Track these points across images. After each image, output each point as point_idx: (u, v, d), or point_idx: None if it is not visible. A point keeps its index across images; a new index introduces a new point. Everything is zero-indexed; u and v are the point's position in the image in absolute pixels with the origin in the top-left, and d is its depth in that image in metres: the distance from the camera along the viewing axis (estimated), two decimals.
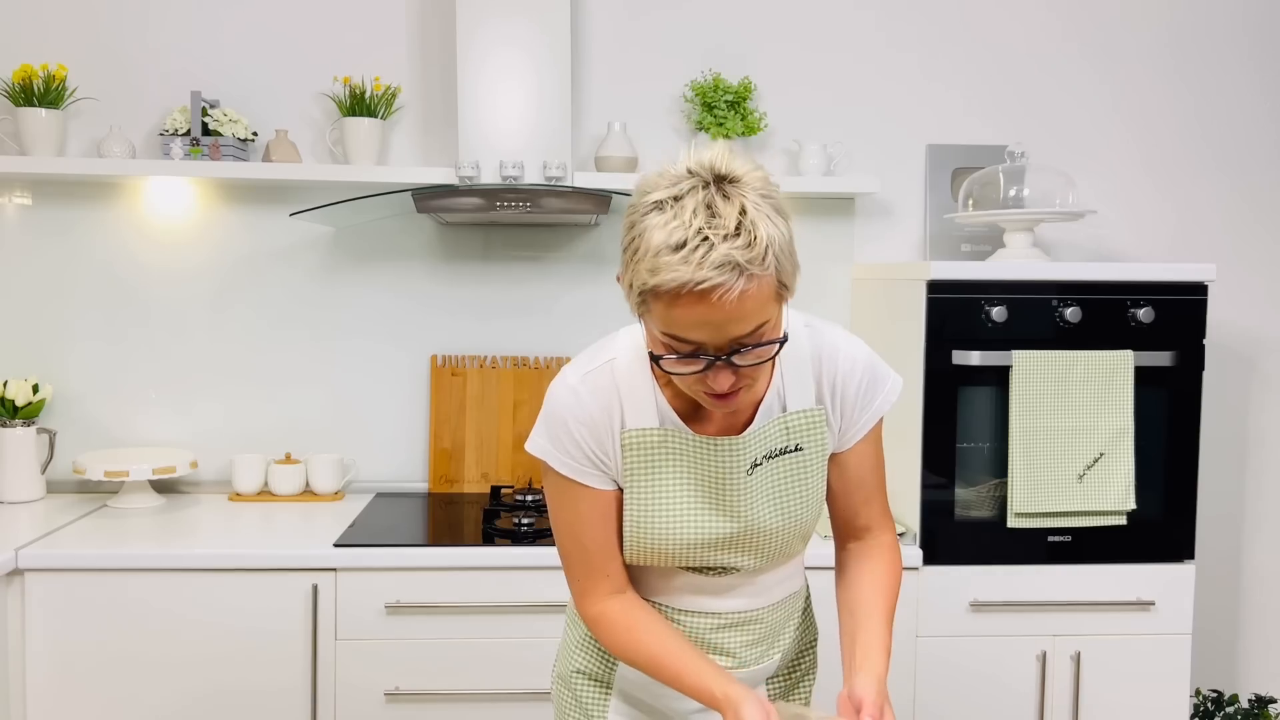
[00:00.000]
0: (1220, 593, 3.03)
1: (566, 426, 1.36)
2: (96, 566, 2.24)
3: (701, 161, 1.19)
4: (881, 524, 1.52)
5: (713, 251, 1.13)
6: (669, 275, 1.14)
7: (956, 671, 2.39)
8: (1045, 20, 2.94)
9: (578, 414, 1.36)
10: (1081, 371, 2.34)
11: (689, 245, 1.13)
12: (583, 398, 1.37)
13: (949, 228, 2.91)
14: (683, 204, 1.16)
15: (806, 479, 1.43)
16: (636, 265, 1.18)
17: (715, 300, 1.14)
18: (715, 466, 1.38)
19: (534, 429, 1.41)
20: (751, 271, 1.14)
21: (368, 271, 2.87)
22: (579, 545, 1.42)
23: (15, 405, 2.65)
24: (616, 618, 1.41)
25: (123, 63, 2.80)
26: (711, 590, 1.46)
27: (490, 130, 2.61)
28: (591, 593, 1.43)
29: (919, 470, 2.38)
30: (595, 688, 1.55)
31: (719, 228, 1.14)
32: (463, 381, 2.87)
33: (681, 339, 1.20)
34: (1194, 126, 2.98)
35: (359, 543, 2.31)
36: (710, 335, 1.19)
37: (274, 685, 2.28)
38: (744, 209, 1.15)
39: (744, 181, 1.18)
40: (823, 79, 2.92)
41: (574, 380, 1.38)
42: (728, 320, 1.17)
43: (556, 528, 1.44)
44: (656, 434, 1.37)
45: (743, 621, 1.48)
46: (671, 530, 1.40)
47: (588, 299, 2.90)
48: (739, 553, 1.43)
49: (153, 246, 2.83)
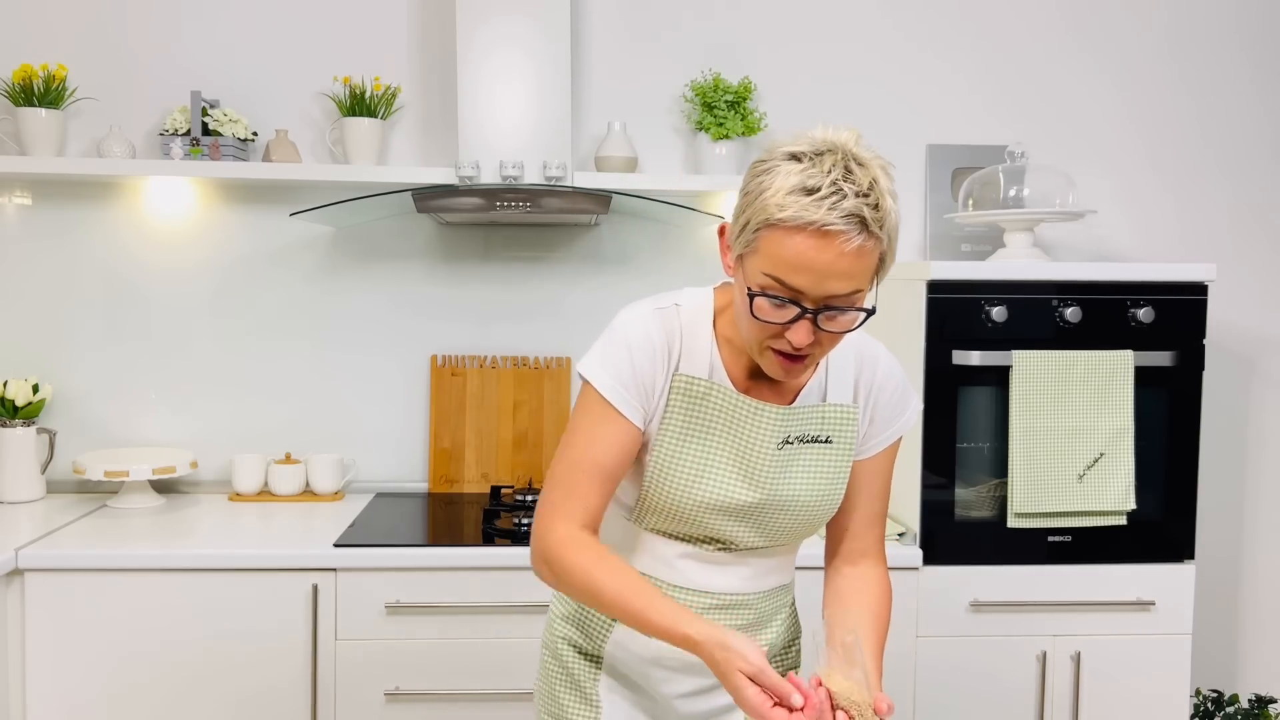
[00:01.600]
0: (1220, 593, 3.03)
1: (628, 351, 1.40)
2: (96, 566, 2.24)
3: (838, 138, 1.28)
4: (878, 554, 1.54)
5: (844, 201, 1.22)
6: (797, 211, 1.22)
7: (956, 671, 2.39)
8: (1045, 20, 2.94)
9: (642, 342, 1.40)
10: (1081, 371, 2.34)
11: (822, 191, 1.22)
12: (651, 328, 1.40)
13: (949, 228, 2.91)
14: (821, 159, 1.25)
15: (831, 472, 1.46)
16: (762, 201, 1.26)
17: (834, 246, 1.22)
18: (751, 431, 1.42)
19: (589, 353, 1.42)
20: (872, 231, 1.23)
21: (368, 271, 2.87)
22: (580, 466, 1.40)
23: (15, 405, 2.65)
24: (586, 543, 1.38)
25: (123, 63, 2.80)
26: (708, 566, 1.47)
27: (490, 130, 2.61)
28: (568, 514, 1.39)
29: (919, 470, 2.38)
30: (585, 662, 1.55)
31: (853, 184, 1.23)
32: (463, 381, 2.87)
33: (783, 281, 1.26)
34: (1194, 126, 2.98)
35: (359, 543, 2.31)
36: (811, 283, 1.25)
37: (274, 685, 2.28)
38: (875, 179, 1.25)
39: (872, 162, 1.27)
40: (823, 79, 2.92)
41: (645, 311, 1.42)
42: (833, 273, 1.24)
43: (565, 448, 1.42)
44: (704, 384, 1.41)
45: (734, 604, 1.49)
46: (694, 486, 1.41)
47: (588, 299, 2.90)
48: (749, 526, 1.44)
49: (153, 246, 2.83)
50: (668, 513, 1.44)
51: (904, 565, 2.36)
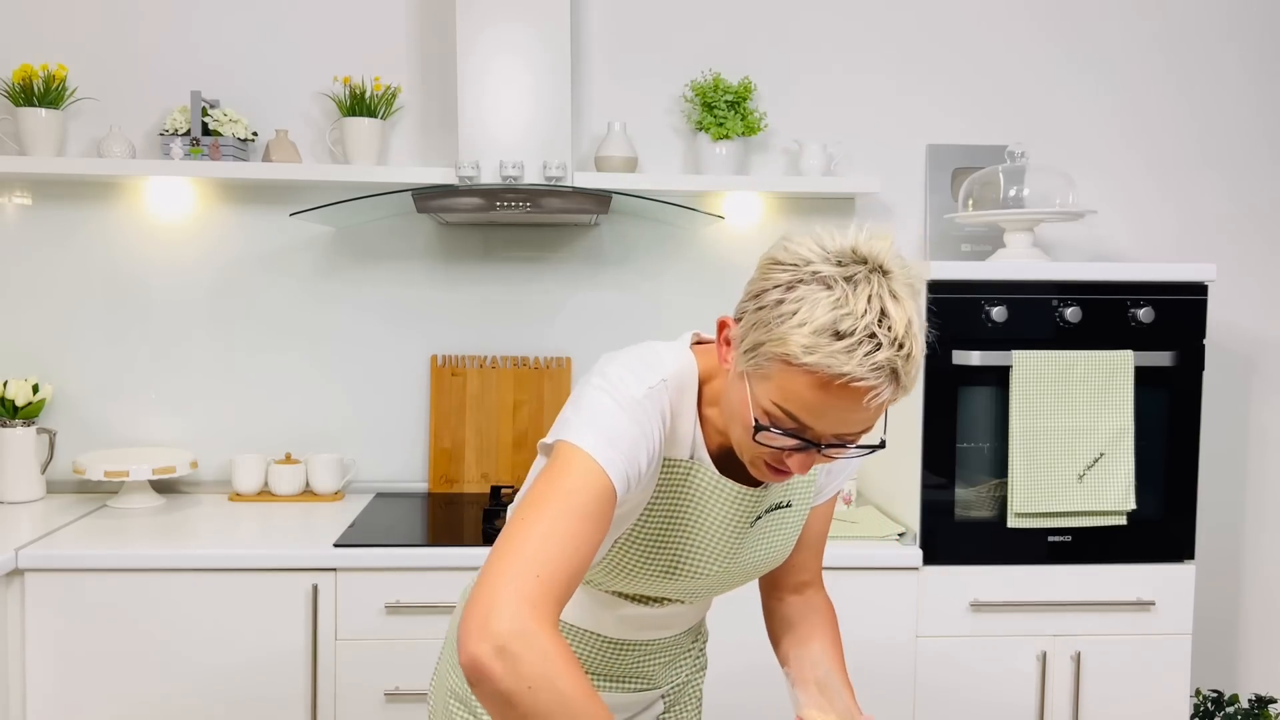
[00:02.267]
0: (1220, 593, 3.03)
1: (632, 437, 1.20)
2: (96, 566, 2.24)
3: (872, 251, 1.13)
4: (819, 580, 1.53)
5: (878, 354, 1.09)
6: (827, 360, 1.08)
7: (956, 671, 2.39)
8: (1046, 20, 2.94)
9: (643, 430, 1.22)
10: (1081, 371, 2.34)
11: (856, 338, 1.08)
12: (649, 414, 1.24)
13: (949, 228, 2.91)
14: (856, 292, 1.10)
15: (787, 535, 1.42)
16: (781, 332, 1.11)
17: (861, 400, 1.10)
18: (729, 512, 1.33)
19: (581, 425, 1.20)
20: (901, 382, 1.11)
21: (368, 271, 2.87)
22: (579, 555, 1.13)
23: (15, 405, 2.65)
24: (575, 662, 1.09)
25: (123, 63, 2.80)
26: (650, 622, 1.43)
27: (490, 130, 2.61)
28: (555, 607, 1.10)
29: (919, 470, 2.38)
30: None
31: (888, 331, 1.09)
32: (463, 381, 2.87)
33: (794, 417, 1.14)
34: (1194, 126, 2.98)
35: (359, 543, 2.31)
36: (826, 425, 1.14)
37: (274, 685, 2.28)
38: (910, 321, 1.12)
39: (902, 282, 1.13)
40: (823, 79, 2.92)
41: (640, 394, 1.24)
42: (852, 419, 1.13)
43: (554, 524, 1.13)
44: (685, 466, 1.31)
45: (665, 648, 1.47)
46: (668, 565, 1.34)
47: (588, 299, 2.90)
48: (702, 588, 1.40)
49: (153, 246, 2.83)
50: (627, 583, 1.35)
51: (904, 565, 2.36)
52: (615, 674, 1.46)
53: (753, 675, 2.33)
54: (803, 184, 2.76)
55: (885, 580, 2.37)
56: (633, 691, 1.49)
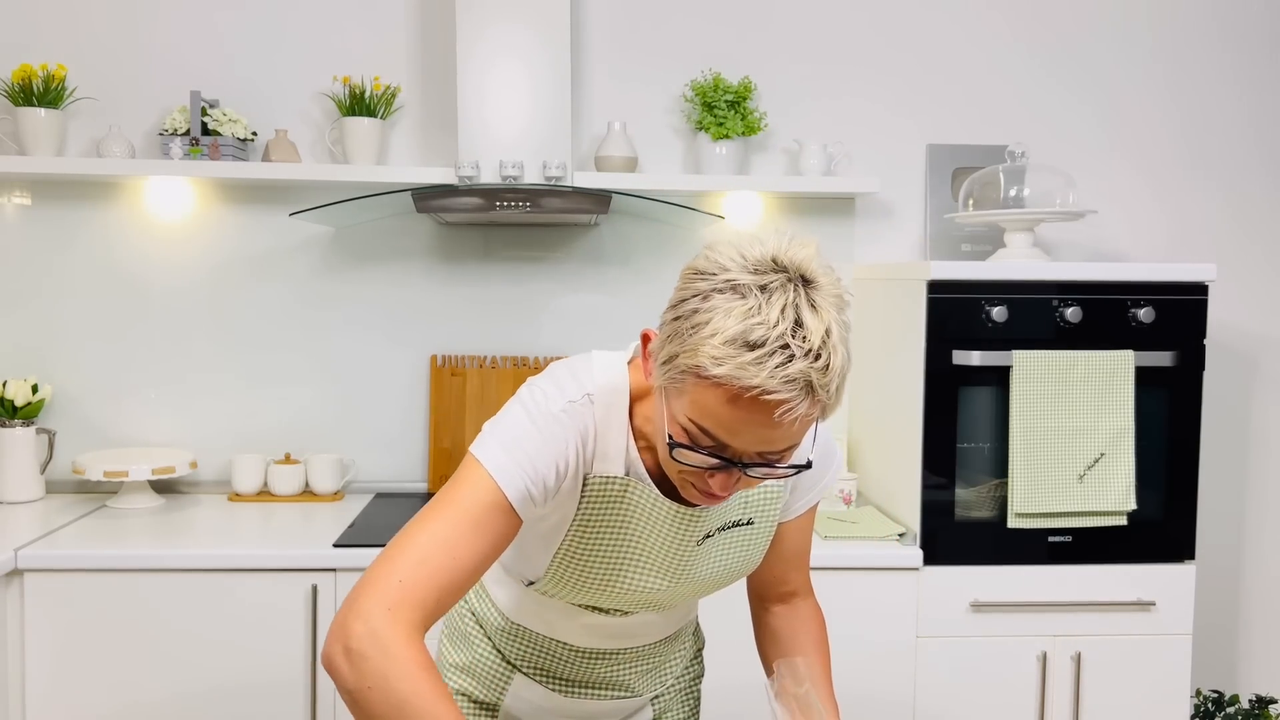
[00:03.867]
0: (1220, 593, 3.03)
1: (538, 451, 1.20)
2: (96, 566, 2.24)
3: (792, 258, 1.08)
4: (807, 588, 1.50)
5: (790, 365, 1.03)
6: (735, 372, 1.03)
7: (956, 671, 2.39)
8: (1046, 20, 2.94)
9: (554, 446, 1.21)
10: (1082, 371, 2.34)
11: (766, 349, 1.03)
12: (566, 429, 1.22)
13: (949, 228, 2.91)
14: (770, 300, 1.04)
15: (750, 551, 1.38)
16: (694, 342, 1.06)
17: (773, 414, 1.04)
18: (670, 531, 1.29)
19: (488, 435, 1.21)
20: (817, 396, 1.05)
21: (367, 271, 2.87)
22: (455, 563, 1.14)
23: (15, 405, 2.65)
24: (427, 664, 1.09)
25: (122, 63, 2.80)
26: (615, 631, 1.41)
27: (490, 130, 2.61)
28: (417, 604, 1.11)
29: (919, 470, 2.37)
30: (479, 710, 1.48)
31: (802, 342, 1.03)
32: (462, 381, 2.86)
33: (709, 434, 1.09)
34: (1194, 126, 2.98)
35: (359, 543, 2.31)
36: (743, 443, 1.08)
37: (274, 685, 2.28)
38: (829, 330, 1.05)
39: (826, 292, 1.07)
40: (823, 79, 2.92)
41: (557, 408, 1.22)
42: (769, 436, 1.07)
43: (433, 524, 1.15)
44: (620, 483, 1.26)
45: (639, 657, 1.45)
46: (609, 582, 1.31)
47: (587, 299, 2.90)
48: (660, 604, 1.39)
49: (152, 246, 2.83)
50: (580, 596, 1.34)
51: (904, 565, 2.36)
52: (590, 682, 1.45)
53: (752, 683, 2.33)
54: (803, 184, 2.76)
55: (885, 580, 2.37)
56: (611, 699, 1.47)
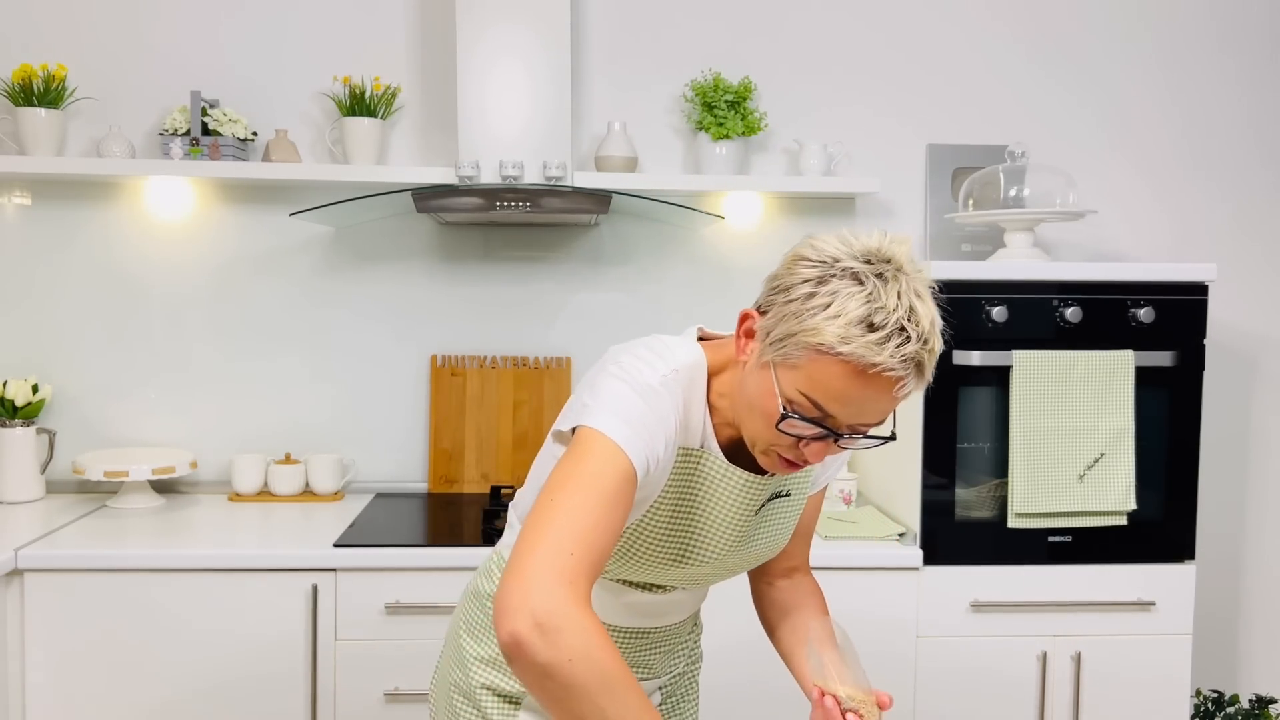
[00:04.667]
0: (1220, 593, 3.03)
1: (650, 423, 1.24)
2: (96, 566, 2.24)
3: (895, 253, 1.21)
4: (808, 565, 1.59)
5: (907, 346, 1.16)
6: (860, 350, 1.15)
7: (956, 671, 2.39)
8: (1046, 21, 2.94)
9: (661, 418, 1.26)
10: (1082, 371, 2.34)
11: (887, 331, 1.15)
12: (666, 402, 1.27)
13: (949, 228, 2.91)
14: (887, 288, 1.17)
15: (786, 523, 1.46)
16: (815, 323, 1.16)
17: (890, 390, 1.17)
18: (736, 500, 1.37)
19: (600, 409, 1.23)
20: (925, 375, 1.20)
21: (367, 271, 2.87)
22: (605, 535, 1.16)
23: (15, 405, 2.65)
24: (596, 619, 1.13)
25: (122, 63, 2.80)
26: (653, 610, 1.46)
27: (490, 130, 2.61)
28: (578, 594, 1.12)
29: (919, 470, 2.37)
30: (502, 703, 1.48)
31: (916, 326, 1.18)
32: (463, 381, 2.87)
33: (820, 406, 1.19)
34: (1195, 126, 2.98)
35: (359, 543, 2.31)
36: (849, 415, 1.20)
37: (274, 685, 2.28)
38: (934, 320, 1.21)
39: (925, 286, 1.23)
40: (823, 78, 2.92)
41: (656, 381, 1.27)
42: (876, 409, 1.20)
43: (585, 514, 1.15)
44: (696, 455, 1.35)
45: (664, 638, 1.50)
46: (677, 559, 1.38)
47: (588, 299, 2.90)
48: (705, 577, 1.43)
49: (152, 246, 2.83)
50: (636, 571, 1.39)
51: (904, 565, 2.36)
52: None
53: (745, 657, 2.33)
54: (803, 184, 2.76)
55: (885, 580, 2.37)
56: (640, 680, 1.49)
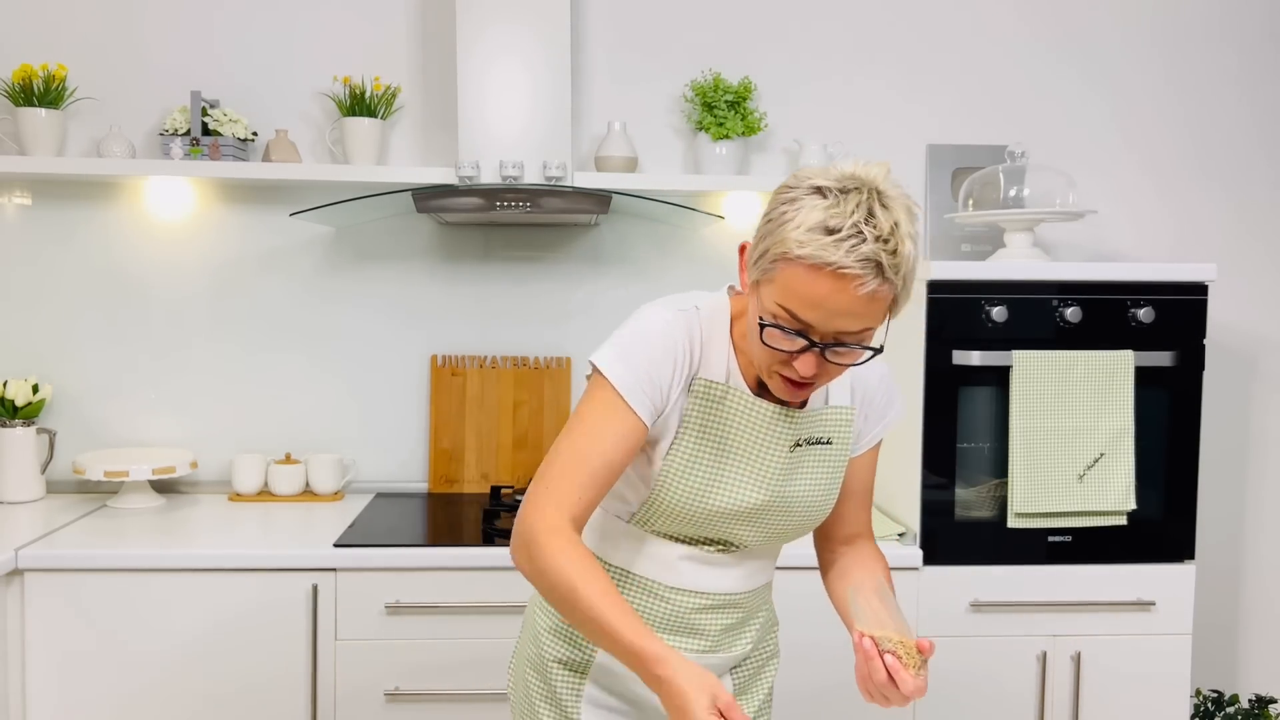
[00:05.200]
0: (1220, 593, 3.03)
1: (648, 347, 1.39)
2: (96, 566, 2.24)
3: (867, 174, 1.29)
4: (869, 533, 1.63)
5: (863, 245, 1.23)
6: (816, 250, 1.23)
7: (956, 671, 2.39)
8: (1046, 20, 2.94)
9: (663, 340, 1.40)
10: (1081, 371, 2.34)
11: (843, 232, 1.23)
12: (674, 329, 1.41)
13: (949, 228, 2.91)
14: (846, 198, 1.25)
15: (831, 472, 1.50)
16: (782, 233, 1.27)
17: (848, 288, 1.24)
18: (765, 435, 1.44)
19: (604, 345, 1.41)
20: (886, 276, 1.24)
21: (368, 271, 2.87)
22: (584, 457, 1.36)
23: (15, 405, 2.65)
24: (573, 542, 1.33)
25: (122, 63, 2.80)
26: (706, 567, 1.49)
27: (490, 130, 2.61)
28: (561, 504, 1.35)
29: (919, 470, 2.37)
30: (570, 675, 1.55)
31: (874, 228, 1.24)
32: (463, 381, 2.87)
33: (794, 314, 1.28)
34: (1194, 127, 2.98)
35: (359, 543, 2.31)
36: (821, 319, 1.27)
37: (274, 685, 2.28)
38: (897, 223, 1.26)
39: (897, 200, 1.28)
40: (823, 78, 2.92)
41: (669, 314, 1.42)
42: (844, 312, 1.26)
43: (569, 435, 1.39)
44: (721, 388, 1.43)
45: (724, 605, 1.52)
46: (708, 492, 1.43)
47: (588, 299, 2.90)
48: (752, 527, 1.47)
49: (153, 246, 2.83)
50: (676, 516, 1.45)
51: (904, 565, 2.36)
52: (671, 626, 1.50)
53: None
54: None
55: None
56: (694, 651, 1.51)
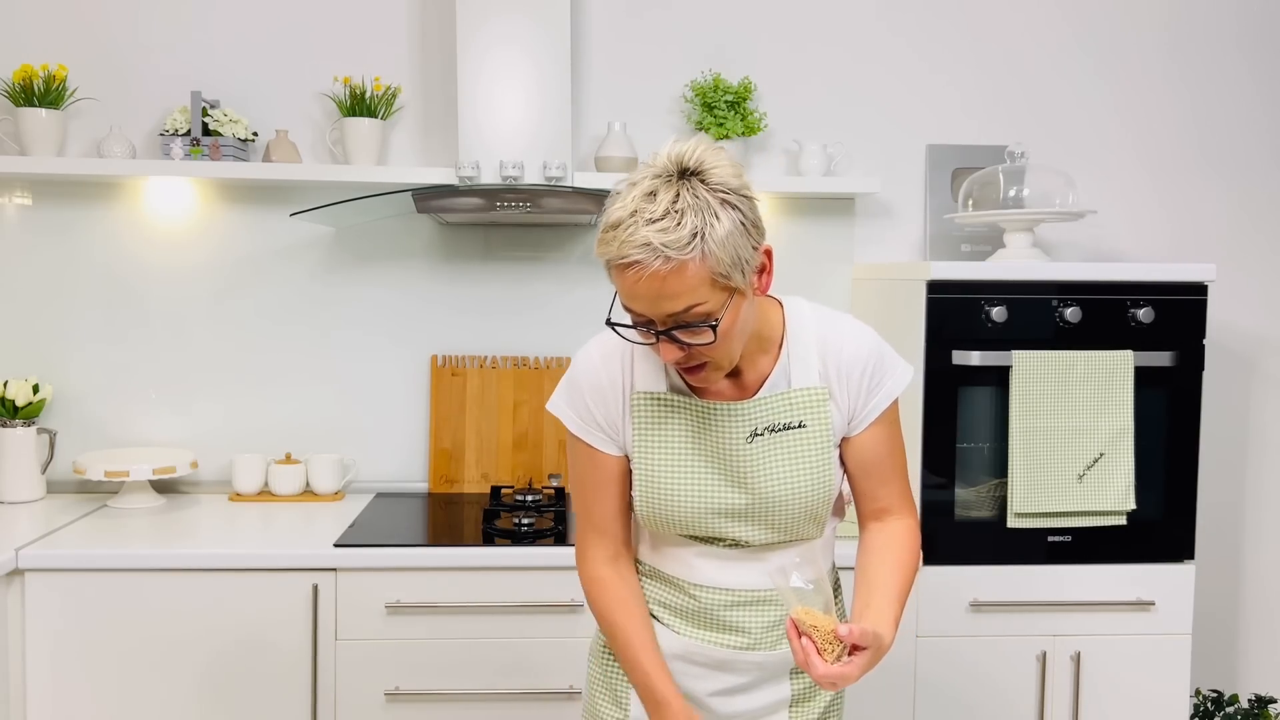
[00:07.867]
0: (1220, 593, 3.03)
1: (580, 390, 1.49)
2: (96, 566, 2.24)
3: (674, 153, 1.30)
4: (901, 507, 1.54)
5: (636, 232, 1.25)
6: (603, 248, 1.29)
7: (956, 671, 2.39)
8: (1046, 20, 2.94)
9: (591, 380, 1.48)
10: (1081, 371, 2.34)
11: (623, 224, 1.26)
12: (596, 364, 1.48)
13: (949, 228, 2.91)
14: (636, 188, 1.28)
15: (811, 456, 1.48)
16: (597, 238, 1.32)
17: (636, 276, 1.26)
18: (717, 431, 1.46)
19: (556, 390, 1.52)
20: (669, 255, 1.24)
21: (368, 271, 2.87)
22: (583, 503, 1.53)
23: (15, 405, 2.65)
24: (609, 584, 1.52)
25: (123, 63, 2.80)
26: (725, 564, 1.51)
27: (490, 130, 2.61)
28: (586, 553, 1.54)
29: (919, 470, 2.37)
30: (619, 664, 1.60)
31: (648, 212, 1.25)
32: (463, 381, 2.87)
33: (629, 309, 1.33)
34: (1194, 127, 2.98)
35: (359, 543, 2.31)
36: (645, 308, 1.30)
37: (274, 685, 2.28)
38: (678, 196, 1.26)
39: (707, 174, 1.28)
40: (823, 79, 2.92)
41: (593, 347, 1.50)
42: (656, 296, 1.28)
43: (571, 484, 1.56)
44: (663, 396, 1.47)
45: (757, 600, 1.52)
46: (679, 494, 1.47)
47: (587, 299, 2.90)
48: (751, 524, 1.48)
49: (153, 246, 2.83)
50: (662, 520, 1.50)
51: None
52: (710, 622, 1.52)
53: None
54: (802, 184, 2.76)
55: None
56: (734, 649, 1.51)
